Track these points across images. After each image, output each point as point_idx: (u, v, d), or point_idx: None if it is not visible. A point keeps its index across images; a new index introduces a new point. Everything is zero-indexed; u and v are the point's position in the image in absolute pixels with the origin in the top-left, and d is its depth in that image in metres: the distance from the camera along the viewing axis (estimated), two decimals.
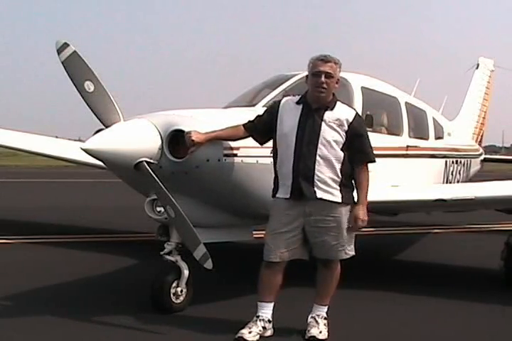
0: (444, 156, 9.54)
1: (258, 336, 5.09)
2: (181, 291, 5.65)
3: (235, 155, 5.53)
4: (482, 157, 12.45)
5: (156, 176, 5.22)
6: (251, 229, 6.43)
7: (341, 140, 5.10)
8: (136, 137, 5.28)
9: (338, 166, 5.10)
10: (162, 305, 5.60)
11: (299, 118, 5.15)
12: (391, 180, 7.31)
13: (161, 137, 5.32)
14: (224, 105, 7.28)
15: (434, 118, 9.52)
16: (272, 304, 5.23)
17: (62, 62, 5.28)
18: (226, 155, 5.46)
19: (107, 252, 8.66)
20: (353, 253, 5.29)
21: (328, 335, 5.15)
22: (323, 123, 5.10)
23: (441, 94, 12.38)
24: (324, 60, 5.17)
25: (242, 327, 5.11)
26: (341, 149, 5.10)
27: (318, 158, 5.06)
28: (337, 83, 5.23)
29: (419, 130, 8.80)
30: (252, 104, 6.87)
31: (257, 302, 5.24)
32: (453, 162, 9.91)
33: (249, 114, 6.38)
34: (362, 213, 5.14)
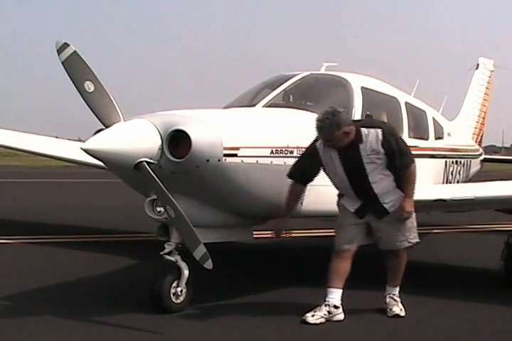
0: (444, 156, 9.52)
1: (322, 319, 5.48)
2: (181, 291, 5.65)
3: (235, 155, 5.53)
4: (482, 157, 12.42)
5: (156, 176, 5.22)
6: (251, 229, 6.43)
7: (384, 163, 5.58)
8: (136, 137, 5.29)
9: (390, 178, 5.66)
10: (162, 305, 5.60)
11: (340, 160, 5.58)
12: None
13: (161, 137, 5.32)
14: (224, 105, 7.28)
15: (434, 119, 9.50)
16: (339, 290, 5.63)
17: (63, 63, 5.28)
18: (226, 155, 5.46)
19: (107, 252, 8.66)
20: (416, 240, 5.86)
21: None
22: (363, 159, 5.54)
23: (441, 94, 12.37)
24: (318, 127, 5.47)
25: (308, 311, 5.49)
26: (387, 166, 5.60)
27: (374, 187, 5.60)
28: (347, 132, 5.46)
29: (418, 130, 8.78)
30: (252, 104, 6.87)
31: (326, 289, 5.62)
32: (453, 162, 9.89)
33: (249, 113, 6.36)
34: (408, 205, 5.66)
